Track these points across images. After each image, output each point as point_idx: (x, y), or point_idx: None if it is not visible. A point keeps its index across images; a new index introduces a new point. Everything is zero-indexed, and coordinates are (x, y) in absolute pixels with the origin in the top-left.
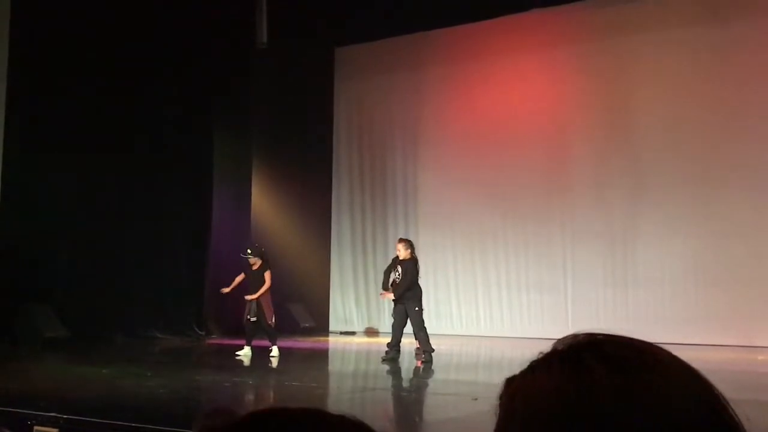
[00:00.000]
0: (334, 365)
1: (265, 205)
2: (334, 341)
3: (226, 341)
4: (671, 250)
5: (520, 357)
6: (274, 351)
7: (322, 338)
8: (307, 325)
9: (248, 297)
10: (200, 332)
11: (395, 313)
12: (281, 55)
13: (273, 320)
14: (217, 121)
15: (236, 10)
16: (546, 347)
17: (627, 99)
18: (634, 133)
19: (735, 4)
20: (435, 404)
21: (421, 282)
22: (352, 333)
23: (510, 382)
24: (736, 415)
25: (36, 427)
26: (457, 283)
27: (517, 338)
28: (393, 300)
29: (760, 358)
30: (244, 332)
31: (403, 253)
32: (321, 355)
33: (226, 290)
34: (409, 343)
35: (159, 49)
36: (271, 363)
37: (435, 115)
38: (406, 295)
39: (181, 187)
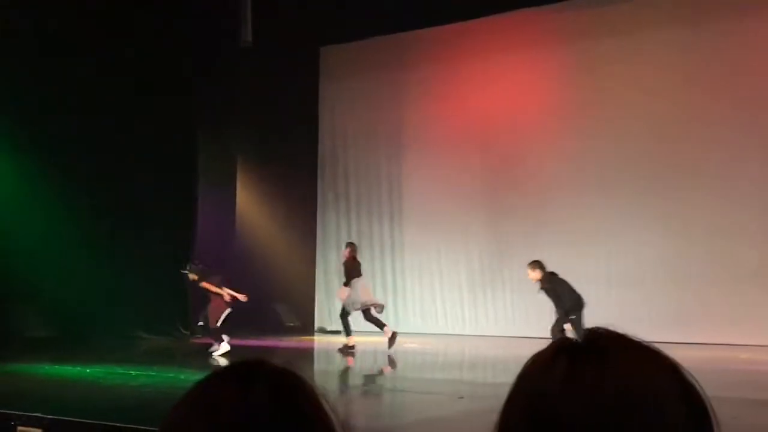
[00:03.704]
0: (319, 365)
1: (250, 204)
2: (318, 340)
3: (211, 341)
4: (654, 249)
5: (504, 356)
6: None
7: (306, 337)
8: (291, 324)
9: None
10: (185, 332)
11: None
12: (266, 54)
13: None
14: (202, 120)
15: (221, 8)
16: (530, 346)
17: (611, 99)
18: (620, 133)
19: (722, 6)
20: (421, 403)
21: (408, 281)
22: (337, 332)
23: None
24: None
25: (19, 428)
26: (442, 282)
27: (501, 337)
28: None
29: (742, 356)
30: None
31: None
32: (306, 355)
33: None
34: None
35: (143, 47)
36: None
37: (420, 114)
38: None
39: (165, 186)
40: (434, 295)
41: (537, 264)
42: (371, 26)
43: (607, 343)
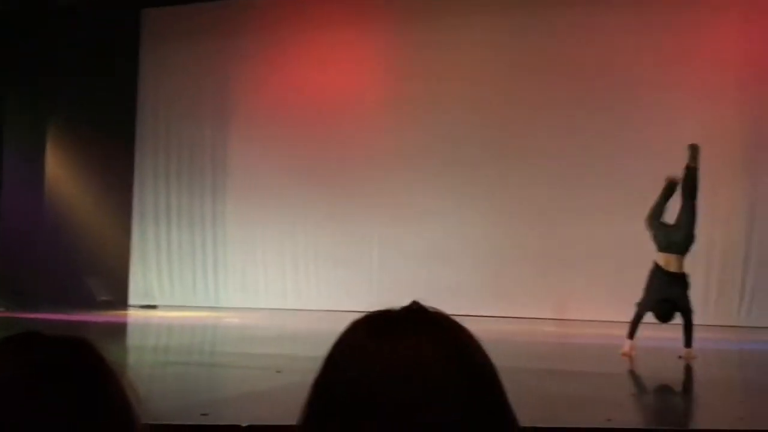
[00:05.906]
0: (133, 340)
1: (60, 174)
2: (133, 315)
3: (12, 314)
4: (476, 225)
5: (325, 330)
6: None
7: (120, 312)
8: (104, 298)
9: None
10: None
11: None
12: (84, 15)
13: None
14: (9, 84)
15: None
16: (350, 319)
17: (443, 74)
18: (448, 111)
19: None
20: (238, 377)
21: (229, 254)
22: (154, 307)
23: None
24: None
25: None
26: (265, 256)
27: (324, 311)
28: None
29: (546, 329)
30: None
31: None
32: (120, 330)
33: None
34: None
35: None
36: None
37: (248, 84)
38: None
39: None
40: (257, 269)
41: None
42: None
43: (401, 320)
